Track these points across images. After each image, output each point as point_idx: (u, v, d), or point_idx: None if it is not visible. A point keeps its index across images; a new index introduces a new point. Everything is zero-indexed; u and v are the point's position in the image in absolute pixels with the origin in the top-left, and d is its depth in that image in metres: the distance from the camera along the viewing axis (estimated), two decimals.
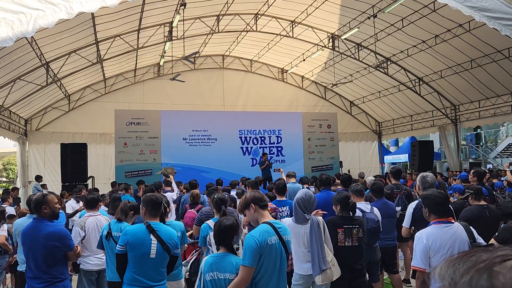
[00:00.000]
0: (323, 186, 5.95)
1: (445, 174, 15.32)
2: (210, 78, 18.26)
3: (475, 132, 25.78)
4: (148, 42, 13.48)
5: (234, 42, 16.96)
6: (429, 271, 2.79)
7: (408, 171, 16.24)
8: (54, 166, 15.21)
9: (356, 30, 13.53)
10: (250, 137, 16.80)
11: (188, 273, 4.40)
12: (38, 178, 13.48)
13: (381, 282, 4.96)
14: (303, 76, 19.80)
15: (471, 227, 3.13)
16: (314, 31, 15.22)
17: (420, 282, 2.86)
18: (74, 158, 13.17)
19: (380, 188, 5.33)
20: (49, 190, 11.68)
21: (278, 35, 15.71)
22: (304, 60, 17.14)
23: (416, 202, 4.44)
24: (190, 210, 6.06)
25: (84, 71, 13.77)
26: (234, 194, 7.33)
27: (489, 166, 21.86)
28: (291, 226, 3.68)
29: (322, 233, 3.83)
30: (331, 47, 15.72)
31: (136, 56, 15.17)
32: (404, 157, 22.98)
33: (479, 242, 3.06)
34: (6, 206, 7.00)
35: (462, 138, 20.99)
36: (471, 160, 24.19)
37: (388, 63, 16.03)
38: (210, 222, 4.26)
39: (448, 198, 3.14)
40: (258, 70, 19.15)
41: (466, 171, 12.29)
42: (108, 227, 4.19)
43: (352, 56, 16.01)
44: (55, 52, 11.73)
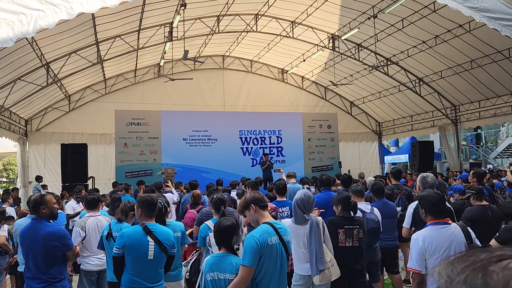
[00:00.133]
0: (323, 187, 5.96)
1: (445, 175, 15.30)
2: (211, 79, 18.26)
3: (475, 133, 25.77)
4: (148, 42, 13.49)
5: (234, 42, 16.97)
6: (424, 273, 2.80)
7: (409, 172, 16.24)
8: (54, 166, 15.22)
9: (356, 30, 13.53)
10: (250, 137, 16.81)
11: (188, 273, 4.39)
12: (39, 179, 13.47)
13: (381, 282, 4.96)
14: (303, 77, 19.80)
15: (468, 228, 3.13)
16: (314, 31, 15.23)
17: (416, 283, 2.86)
18: (74, 158, 13.17)
19: (380, 189, 5.33)
20: (49, 190, 11.70)
21: (278, 35, 15.71)
22: (304, 60, 17.14)
23: (416, 202, 4.42)
24: (191, 211, 6.06)
25: (84, 71, 13.78)
26: (235, 194, 7.33)
27: (489, 167, 21.85)
28: (291, 226, 3.67)
29: (322, 233, 3.83)
30: (331, 48, 15.71)
31: (137, 57, 15.17)
32: (404, 157, 22.98)
33: (475, 243, 3.06)
34: (6, 206, 7.00)
35: (462, 139, 20.98)
36: (471, 161, 24.18)
37: (388, 63, 16.04)
38: (209, 223, 4.25)
39: (444, 199, 3.12)
40: (258, 70, 19.15)
41: (466, 172, 12.29)
42: (109, 227, 4.19)
43: (352, 56, 16.01)
44: (55, 53, 11.74)
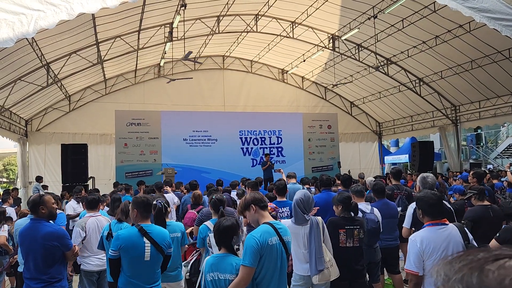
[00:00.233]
0: (323, 187, 5.95)
1: (445, 175, 15.29)
2: (211, 79, 18.26)
3: (475, 133, 25.77)
4: (148, 43, 13.49)
5: (235, 42, 16.97)
6: (421, 274, 2.80)
7: (409, 172, 16.25)
8: (55, 166, 15.21)
9: (356, 30, 13.53)
10: (251, 137, 16.81)
11: (188, 273, 4.39)
12: (39, 179, 13.48)
13: (381, 282, 4.95)
14: (303, 77, 19.80)
15: (465, 228, 3.13)
16: (314, 31, 15.23)
17: (413, 284, 2.86)
18: (74, 158, 13.17)
19: (381, 189, 5.33)
20: (49, 191, 11.70)
21: (278, 35, 15.71)
22: (304, 60, 17.13)
23: None
24: (191, 211, 6.06)
25: (84, 71, 13.78)
26: (235, 194, 7.33)
27: (489, 167, 21.85)
28: (291, 227, 3.67)
29: (321, 233, 3.83)
30: (331, 48, 15.72)
31: (137, 57, 15.18)
32: (404, 157, 22.97)
33: (472, 243, 3.06)
34: (6, 206, 7.01)
35: (462, 139, 20.98)
36: (471, 161, 24.18)
37: (389, 63, 16.04)
38: (208, 223, 4.24)
39: (442, 199, 3.12)
40: (258, 70, 19.16)
41: (467, 172, 12.28)
42: (109, 227, 4.19)
43: (353, 56, 16.00)
44: (55, 53, 11.74)
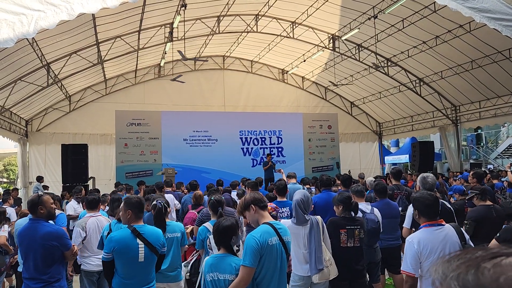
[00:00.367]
0: (323, 187, 5.96)
1: (445, 175, 15.28)
2: (211, 79, 18.27)
3: (475, 133, 25.76)
4: (148, 43, 13.50)
5: (235, 43, 16.97)
6: (418, 276, 2.80)
7: (409, 172, 16.23)
8: (55, 167, 15.21)
9: (356, 31, 13.53)
10: (251, 137, 16.81)
11: (188, 273, 4.39)
12: (40, 179, 13.49)
13: (382, 283, 4.95)
14: (303, 77, 19.80)
15: (462, 229, 3.13)
16: (314, 32, 15.23)
17: (408, 286, 2.85)
18: (74, 159, 13.17)
19: (383, 188, 5.33)
20: (49, 191, 11.70)
21: (278, 36, 15.71)
22: (304, 61, 17.14)
23: None
24: (192, 211, 6.06)
25: (84, 72, 13.79)
26: (235, 195, 7.33)
27: (489, 167, 21.84)
28: (291, 227, 3.67)
29: (321, 232, 3.84)
30: (331, 48, 15.72)
31: (137, 57, 15.18)
32: (404, 157, 22.97)
33: (469, 243, 3.07)
34: (6, 207, 7.01)
35: (462, 139, 20.97)
36: (471, 161, 24.17)
37: (389, 63, 16.04)
38: (207, 225, 4.21)
39: (438, 200, 3.11)
40: (258, 71, 19.16)
41: (467, 172, 12.28)
42: (109, 227, 4.20)
43: (353, 57, 16.00)
44: (56, 53, 11.75)
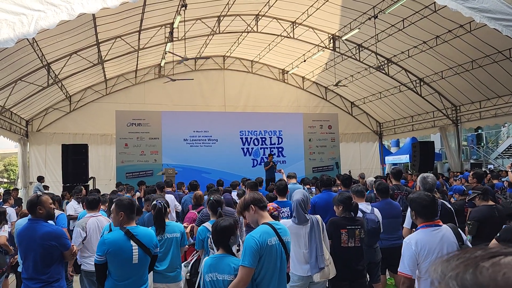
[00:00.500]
0: (324, 187, 5.96)
1: (446, 175, 15.28)
2: (211, 79, 18.27)
3: (476, 133, 25.74)
4: (149, 43, 13.50)
5: (235, 43, 16.97)
6: (415, 278, 2.79)
7: (409, 172, 16.21)
8: (55, 167, 15.21)
9: (356, 31, 13.52)
10: (251, 138, 16.81)
11: (188, 274, 4.39)
12: (40, 179, 13.50)
13: (382, 283, 4.94)
14: (304, 77, 19.80)
15: (459, 230, 3.13)
16: (315, 32, 15.23)
17: (405, 287, 2.85)
18: (75, 159, 13.17)
19: (385, 188, 5.33)
20: (49, 191, 11.70)
21: (279, 36, 15.71)
22: (305, 61, 17.13)
23: None
24: (192, 211, 6.07)
25: (85, 72, 13.80)
26: (235, 195, 7.33)
27: (490, 167, 21.83)
28: (292, 227, 3.68)
29: (321, 231, 3.85)
30: (332, 48, 15.71)
31: (137, 57, 15.18)
32: (405, 157, 22.95)
33: (466, 244, 3.07)
34: (7, 207, 7.01)
35: (463, 139, 20.97)
36: (472, 161, 24.16)
37: (389, 64, 16.03)
38: (207, 225, 4.21)
39: (435, 201, 3.11)
40: (259, 71, 19.16)
41: (468, 172, 12.26)
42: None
43: (353, 57, 16.00)
44: (56, 53, 11.75)
